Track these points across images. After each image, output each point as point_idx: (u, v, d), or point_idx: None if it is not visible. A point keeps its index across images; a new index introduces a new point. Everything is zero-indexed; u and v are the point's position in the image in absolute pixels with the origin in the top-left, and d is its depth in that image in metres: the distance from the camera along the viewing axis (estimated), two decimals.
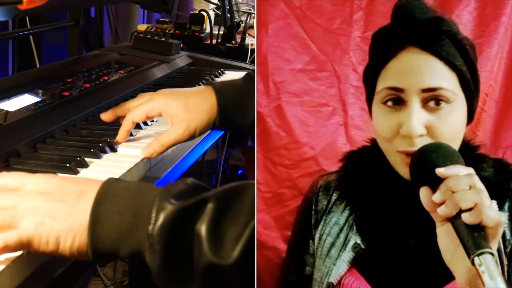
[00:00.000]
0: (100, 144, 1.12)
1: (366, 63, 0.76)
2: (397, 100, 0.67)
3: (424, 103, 0.67)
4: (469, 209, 0.55)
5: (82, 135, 1.21)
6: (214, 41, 2.22)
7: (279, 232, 1.25)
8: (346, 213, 0.74)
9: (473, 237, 0.53)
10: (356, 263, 0.68)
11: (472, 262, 0.52)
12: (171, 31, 2.20)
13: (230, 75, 1.84)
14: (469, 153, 0.68)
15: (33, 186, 0.78)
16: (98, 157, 1.09)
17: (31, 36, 2.03)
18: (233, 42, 2.20)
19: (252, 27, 2.29)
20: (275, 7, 1.23)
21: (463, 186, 0.56)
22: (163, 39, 1.89)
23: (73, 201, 0.75)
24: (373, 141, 0.76)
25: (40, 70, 1.75)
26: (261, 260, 1.17)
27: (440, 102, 0.66)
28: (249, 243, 0.68)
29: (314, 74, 1.25)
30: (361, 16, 1.24)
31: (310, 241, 0.77)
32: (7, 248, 0.72)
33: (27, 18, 1.95)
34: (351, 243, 0.69)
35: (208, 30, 2.26)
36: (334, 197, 0.77)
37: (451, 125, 0.67)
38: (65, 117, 1.23)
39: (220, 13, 2.32)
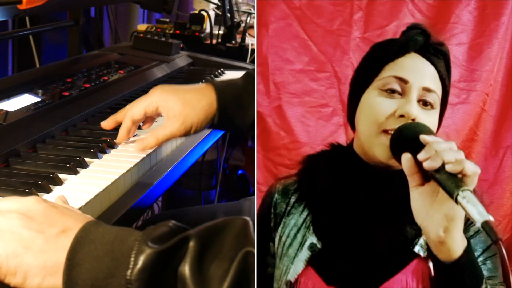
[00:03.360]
0: (100, 144, 1.11)
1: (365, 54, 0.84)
2: (394, 91, 0.77)
3: (418, 100, 0.77)
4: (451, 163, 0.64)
5: (82, 135, 1.21)
6: (214, 41, 2.22)
7: None
8: (304, 214, 0.78)
9: (455, 180, 0.62)
10: (312, 262, 0.73)
11: (456, 200, 0.61)
12: (171, 31, 2.20)
13: (230, 75, 1.83)
14: None
15: (18, 206, 0.74)
16: (98, 157, 1.09)
17: (31, 36, 2.03)
18: (233, 42, 2.20)
19: (252, 27, 2.29)
20: (275, 7, 1.23)
21: (446, 146, 0.65)
22: (163, 39, 1.89)
23: (52, 237, 0.71)
24: (332, 146, 0.85)
25: (40, 70, 1.75)
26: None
27: (428, 104, 0.77)
28: (237, 277, 0.64)
29: (314, 74, 1.25)
30: (361, 16, 1.24)
31: (271, 243, 0.80)
32: None
33: (27, 18, 1.95)
34: (307, 243, 0.74)
35: (208, 30, 2.26)
36: (292, 200, 0.81)
37: (431, 125, 0.76)
38: (65, 117, 1.23)
39: (220, 13, 2.32)
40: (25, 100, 1.26)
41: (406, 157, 0.68)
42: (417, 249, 0.73)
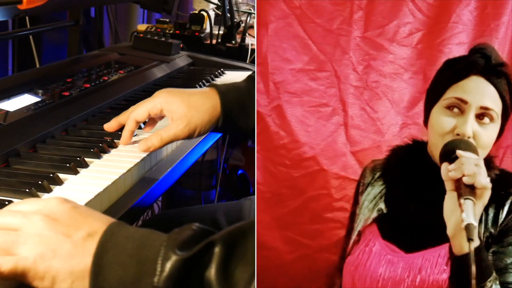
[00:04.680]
0: (100, 144, 1.11)
1: (433, 80, 0.99)
2: (458, 108, 0.90)
3: (477, 116, 0.90)
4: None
5: (82, 135, 1.21)
6: (214, 41, 2.22)
7: (279, 232, 1.25)
8: (382, 187, 1.00)
9: (465, 190, 0.79)
10: (377, 220, 0.97)
11: (460, 204, 0.78)
12: (171, 31, 2.19)
13: (230, 75, 1.84)
14: (489, 160, 0.93)
15: (41, 207, 0.74)
16: (98, 157, 1.09)
17: (31, 36, 2.03)
18: (233, 42, 2.20)
19: (252, 27, 2.29)
20: (275, 7, 1.23)
21: (470, 162, 0.81)
22: (163, 39, 1.89)
23: (80, 241, 0.70)
24: (414, 141, 1.00)
25: (40, 70, 1.75)
26: (260, 260, 1.17)
27: (486, 119, 0.90)
28: None
29: (314, 74, 1.25)
30: (361, 16, 1.24)
31: (357, 205, 1.03)
32: (0, 274, 0.68)
33: (27, 18, 1.95)
34: (377, 207, 0.98)
35: (208, 30, 2.26)
36: (377, 175, 1.02)
37: (489, 137, 0.91)
38: (65, 117, 1.23)
39: (220, 13, 2.32)
40: (25, 100, 1.26)
41: (443, 166, 0.84)
42: None
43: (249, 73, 1.83)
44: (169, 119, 1.13)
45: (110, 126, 1.18)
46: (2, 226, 0.72)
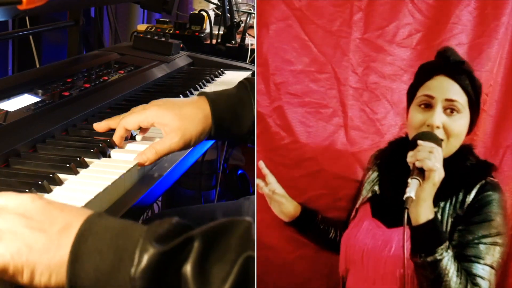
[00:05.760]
0: (100, 144, 1.11)
1: (411, 82, 1.12)
2: (428, 105, 1.04)
3: (444, 109, 1.03)
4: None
5: (82, 135, 1.21)
6: (214, 41, 2.23)
7: (279, 232, 1.25)
8: (377, 173, 1.15)
9: (416, 172, 0.95)
10: (370, 199, 1.12)
11: (408, 183, 0.94)
12: (171, 31, 2.19)
13: (230, 75, 1.84)
14: (466, 149, 1.07)
15: (15, 206, 0.74)
16: (98, 157, 1.09)
17: (31, 36, 2.03)
18: (233, 42, 2.20)
19: (252, 27, 2.29)
20: (275, 8, 1.23)
21: (425, 149, 0.96)
22: (163, 39, 1.89)
23: (55, 234, 0.71)
24: (406, 135, 1.10)
25: (40, 70, 1.75)
26: (261, 260, 1.17)
27: (454, 111, 1.03)
28: (238, 281, 0.65)
29: (314, 75, 1.25)
30: (361, 17, 1.24)
31: (362, 186, 1.18)
32: None
33: (27, 18, 1.95)
34: (373, 189, 1.13)
35: (208, 30, 2.26)
36: (377, 162, 1.16)
37: (458, 126, 1.03)
38: (65, 117, 1.23)
39: (220, 13, 2.32)
40: (25, 100, 1.26)
41: (408, 154, 0.99)
42: None
43: (249, 73, 1.84)
44: (163, 132, 1.12)
45: (100, 126, 1.17)
46: None
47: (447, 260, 0.93)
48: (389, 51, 1.25)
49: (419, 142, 0.97)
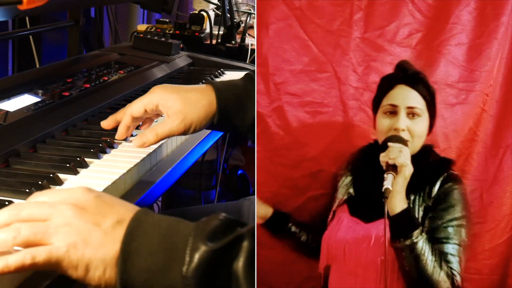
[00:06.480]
0: (100, 144, 1.12)
1: (374, 95, 1.19)
2: (393, 112, 1.14)
3: (407, 114, 1.13)
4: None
5: (82, 135, 1.21)
6: (214, 41, 2.23)
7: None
8: (351, 176, 1.21)
9: (389, 168, 1.06)
10: (347, 201, 1.18)
11: (384, 177, 1.05)
12: (171, 31, 2.20)
13: (230, 75, 1.84)
14: (427, 148, 1.16)
15: (67, 197, 0.74)
16: (98, 157, 1.09)
17: (31, 36, 2.04)
18: (233, 42, 2.20)
19: (252, 27, 2.29)
20: (275, 8, 1.23)
21: (395, 149, 1.07)
22: (163, 39, 1.89)
23: (109, 229, 0.71)
24: (375, 141, 1.18)
25: (40, 70, 1.75)
26: (261, 260, 1.17)
27: (415, 115, 1.13)
28: None
29: (315, 75, 1.25)
30: (361, 16, 1.24)
31: (336, 191, 1.24)
32: (35, 265, 0.68)
33: (27, 18, 1.95)
34: (348, 191, 1.20)
35: (208, 30, 2.26)
36: (349, 168, 1.22)
37: (420, 128, 1.13)
38: (65, 117, 1.23)
39: (220, 13, 2.32)
40: (25, 100, 1.26)
41: (381, 155, 1.09)
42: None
43: None
44: (165, 114, 1.13)
45: (107, 123, 1.18)
46: (30, 217, 0.72)
47: (422, 242, 1.05)
48: (389, 51, 1.25)
49: (389, 144, 1.09)
